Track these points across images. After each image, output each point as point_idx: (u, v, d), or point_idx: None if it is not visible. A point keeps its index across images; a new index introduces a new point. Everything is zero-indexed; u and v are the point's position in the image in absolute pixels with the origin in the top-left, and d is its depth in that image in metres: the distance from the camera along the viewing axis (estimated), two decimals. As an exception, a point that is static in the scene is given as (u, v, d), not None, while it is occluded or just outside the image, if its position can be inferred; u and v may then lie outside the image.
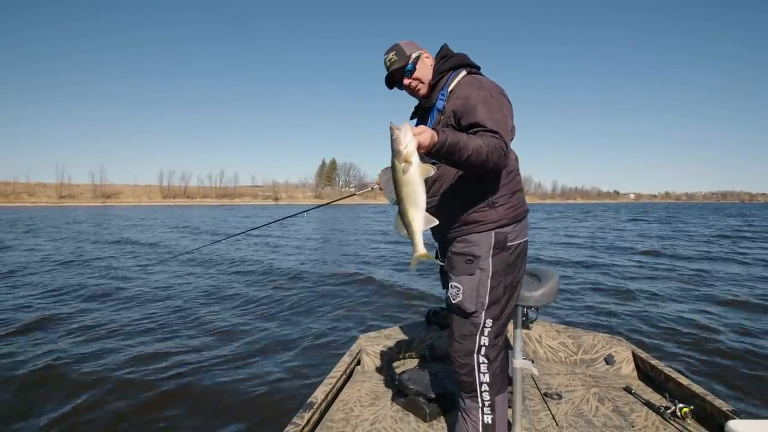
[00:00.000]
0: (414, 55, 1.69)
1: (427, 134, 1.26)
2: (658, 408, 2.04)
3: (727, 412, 1.82)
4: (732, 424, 1.52)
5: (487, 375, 1.60)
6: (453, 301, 1.61)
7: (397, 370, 2.51)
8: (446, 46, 1.74)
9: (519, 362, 1.80)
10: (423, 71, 1.70)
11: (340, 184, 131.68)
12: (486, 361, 1.60)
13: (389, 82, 1.75)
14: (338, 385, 2.31)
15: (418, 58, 1.69)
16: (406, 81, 1.71)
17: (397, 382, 2.26)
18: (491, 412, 1.62)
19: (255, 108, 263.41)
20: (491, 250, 1.56)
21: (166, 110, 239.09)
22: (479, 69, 1.70)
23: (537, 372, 1.89)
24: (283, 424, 1.85)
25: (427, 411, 2.05)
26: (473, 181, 1.55)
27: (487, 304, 1.58)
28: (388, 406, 2.18)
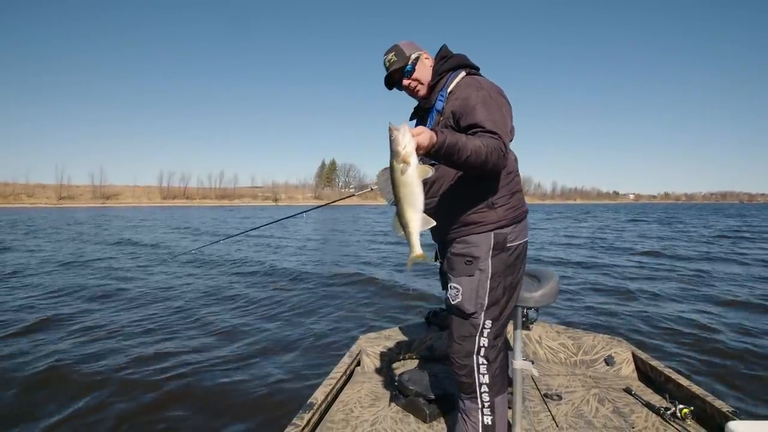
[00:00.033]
0: (413, 56, 1.69)
1: (425, 135, 1.26)
2: (658, 409, 2.04)
3: (727, 413, 1.82)
4: (732, 425, 1.52)
5: (486, 376, 1.60)
6: (452, 302, 1.61)
7: (397, 371, 2.51)
8: (445, 47, 1.74)
9: (519, 363, 1.80)
10: (422, 72, 1.70)
11: (339, 184, 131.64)
12: (485, 362, 1.60)
13: (388, 82, 1.75)
14: (338, 385, 2.31)
15: (417, 59, 1.69)
16: (405, 82, 1.71)
17: (397, 383, 2.26)
18: (491, 413, 1.62)
19: (255, 108, 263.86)
20: (491, 251, 1.56)
21: (166, 111, 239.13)
22: (478, 70, 1.70)
23: (537, 373, 1.88)
24: (283, 424, 1.85)
25: (427, 412, 2.04)
26: (473, 181, 1.55)
27: (486, 305, 1.57)
28: (388, 407, 2.18)
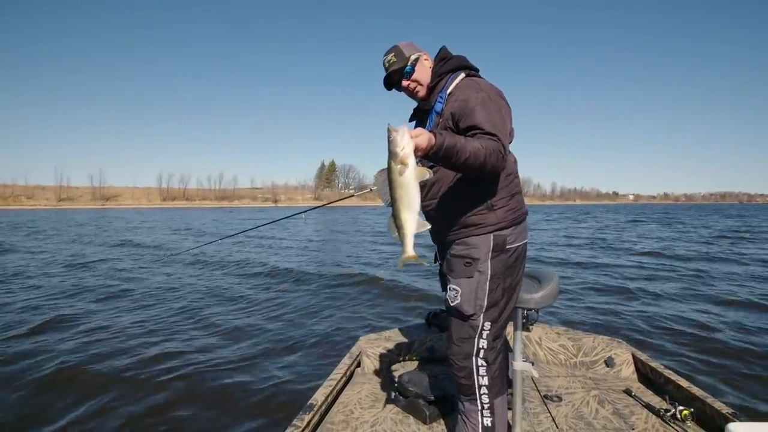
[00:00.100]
0: (413, 57, 1.69)
1: (424, 137, 1.26)
2: (658, 410, 2.04)
3: (727, 414, 1.82)
4: (732, 426, 1.52)
5: (485, 378, 1.60)
6: (451, 304, 1.61)
7: (397, 373, 2.51)
8: (445, 48, 1.74)
9: (519, 364, 1.80)
10: (422, 73, 1.69)
11: (339, 185, 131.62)
12: (485, 363, 1.60)
13: (388, 83, 1.75)
14: (338, 387, 2.30)
15: (417, 60, 1.69)
16: (404, 83, 1.71)
17: (397, 384, 2.25)
18: (491, 415, 1.62)
19: (254, 110, 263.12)
20: (490, 253, 1.56)
21: (166, 112, 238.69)
22: (478, 71, 1.70)
23: (537, 374, 1.88)
24: (283, 426, 1.85)
25: (427, 413, 2.04)
26: (472, 183, 1.55)
27: (485, 306, 1.57)
28: (388, 408, 2.18)
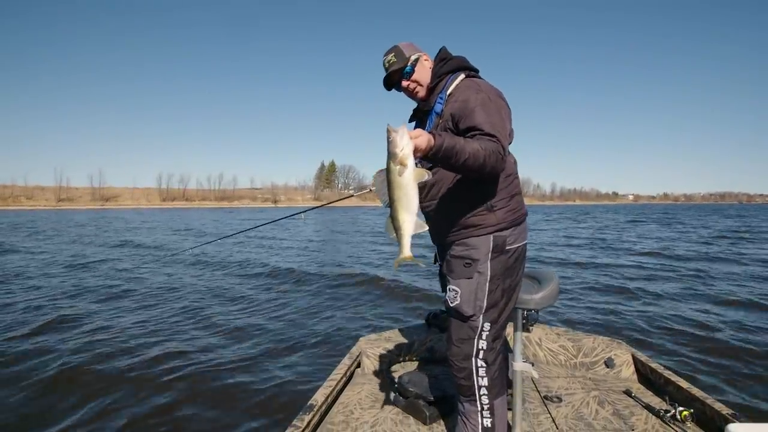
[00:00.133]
0: (413, 58, 1.68)
1: (423, 138, 1.26)
2: (658, 411, 2.03)
3: (727, 415, 1.82)
4: (732, 427, 1.52)
5: (485, 379, 1.60)
6: (451, 305, 1.61)
7: (397, 373, 2.50)
8: (445, 49, 1.74)
9: (519, 365, 1.80)
10: (422, 74, 1.69)
11: (339, 186, 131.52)
12: (484, 364, 1.60)
13: (387, 83, 1.75)
14: (338, 387, 2.30)
15: (417, 61, 1.69)
16: (404, 83, 1.71)
17: (397, 384, 2.25)
18: (490, 416, 1.62)
19: (254, 110, 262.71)
20: (490, 254, 1.56)
21: (166, 113, 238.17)
22: (478, 72, 1.70)
23: (537, 375, 1.88)
24: (283, 426, 1.85)
25: (427, 414, 2.04)
26: (471, 184, 1.55)
27: (485, 307, 1.57)
28: (388, 408, 2.17)
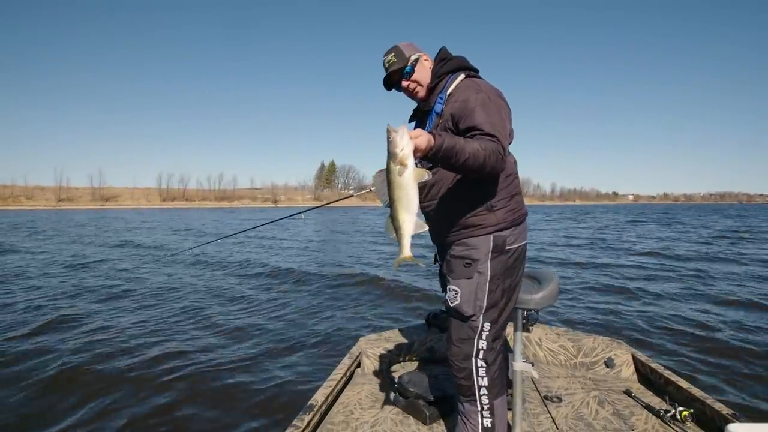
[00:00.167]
0: (413, 58, 1.68)
1: (423, 138, 1.26)
2: (658, 411, 2.04)
3: (727, 415, 1.82)
4: (732, 427, 1.52)
5: (485, 379, 1.60)
6: (451, 305, 1.61)
7: (397, 373, 2.51)
8: (445, 49, 1.74)
9: (519, 365, 1.80)
10: (422, 74, 1.69)
11: (339, 186, 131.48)
12: (484, 364, 1.60)
13: (387, 83, 1.75)
14: (338, 387, 2.30)
15: (417, 61, 1.69)
16: (404, 83, 1.71)
17: (397, 384, 2.25)
18: (490, 416, 1.62)
19: (254, 110, 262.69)
20: (489, 254, 1.56)
21: (165, 113, 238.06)
22: (478, 72, 1.70)
23: (537, 375, 1.88)
24: (283, 426, 1.85)
25: (427, 414, 2.04)
26: (472, 184, 1.55)
27: (485, 307, 1.57)
28: (388, 408, 2.18)
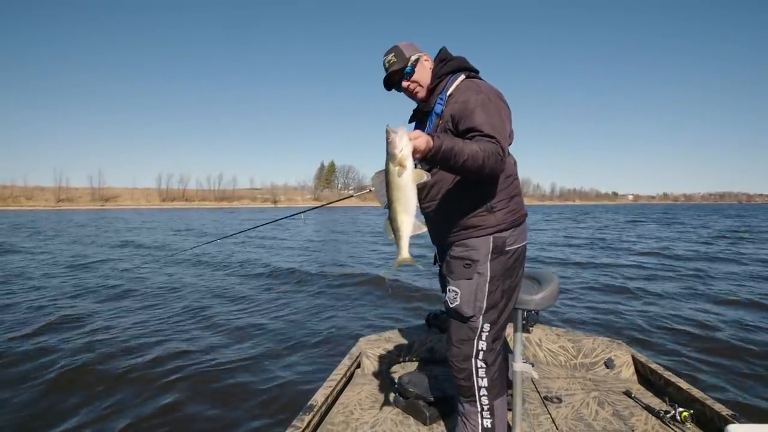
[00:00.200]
0: (413, 58, 1.68)
1: (422, 139, 1.26)
2: (657, 412, 2.04)
3: (727, 416, 1.82)
4: (732, 428, 1.52)
5: (485, 379, 1.60)
6: (451, 306, 1.61)
7: (397, 374, 2.51)
8: (445, 49, 1.73)
9: (519, 365, 1.80)
10: (422, 74, 1.69)
11: (339, 186, 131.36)
12: (484, 365, 1.60)
13: (387, 83, 1.74)
14: (338, 387, 2.30)
15: (417, 61, 1.68)
16: (404, 83, 1.70)
17: (397, 385, 2.25)
18: (490, 416, 1.62)
19: (254, 110, 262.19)
20: (489, 255, 1.56)
21: (165, 113, 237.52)
22: (478, 72, 1.69)
23: (537, 375, 1.88)
24: (283, 426, 1.85)
25: (427, 414, 2.04)
26: (471, 185, 1.55)
27: (484, 308, 1.57)
28: (388, 409, 2.18)
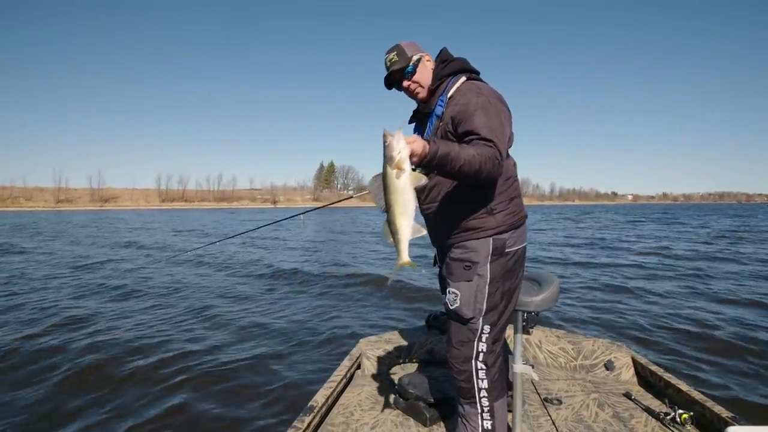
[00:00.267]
0: (415, 58, 1.67)
1: (419, 143, 1.26)
2: (657, 414, 2.04)
3: (727, 418, 1.82)
4: (731, 430, 1.52)
5: (485, 381, 1.60)
6: (451, 307, 1.61)
7: (397, 375, 2.51)
8: (446, 50, 1.72)
9: (519, 367, 1.80)
10: (423, 74, 1.68)
11: (338, 186, 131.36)
12: (484, 367, 1.60)
13: (388, 82, 1.73)
14: (338, 388, 2.31)
15: (419, 61, 1.67)
16: (405, 83, 1.69)
17: (397, 386, 2.25)
18: (491, 418, 1.62)
19: (253, 111, 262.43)
20: (489, 257, 1.56)
21: (165, 114, 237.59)
22: (479, 74, 1.69)
23: (537, 377, 1.88)
24: (283, 427, 1.85)
25: (427, 416, 2.04)
26: (471, 187, 1.54)
27: (484, 310, 1.57)
28: (389, 410, 2.18)
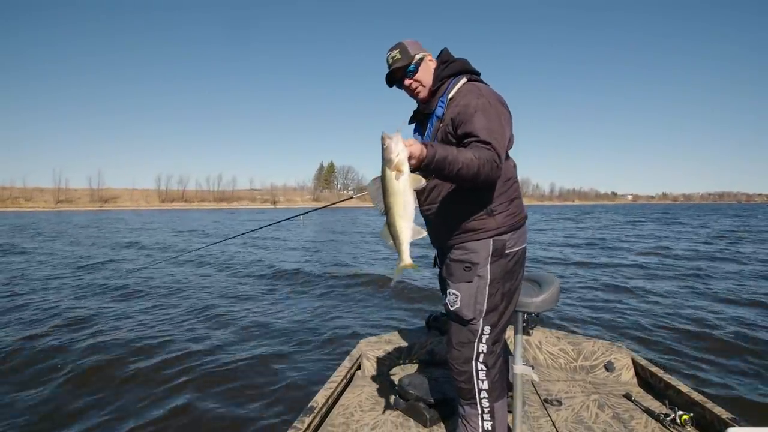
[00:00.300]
0: (417, 57, 1.66)
1: (417, 146, 1.26)
2: (657, 415, 2.04)
3: (727, 419, 1.82)
4: (731, 431, 1.52)
5: (485, 382, 1.61)
6: (451, 308, 1.61)
7: (397, 375, 2.51)
8: (447, 51, 1.72)
9: (519, 368, 1.80)
10: (425, 74, 1.67)
11: (338, 187, 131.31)
12: (484, 368, 1.60)
13: (389, 80, 1.72)
14: (339, 389, 2.31)
15: (421, 60, 1.67)
16: (406, 81, 1.69)
17: (397, 387, 2.26)
18: (491, 419, 1.62)
19: (253, 111, 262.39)
20: (489, 258, 1.56)
21: (165, 114, 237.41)
22: (479, 75, 1.69)
23: (537, 378, 1.88)
24: (284, 427, 1.85)
25: (428, 416, 2.04)
26: (471, 189, 1.54)
27: (485, 311, 1.58)
28: (389, 411, 2.18)
